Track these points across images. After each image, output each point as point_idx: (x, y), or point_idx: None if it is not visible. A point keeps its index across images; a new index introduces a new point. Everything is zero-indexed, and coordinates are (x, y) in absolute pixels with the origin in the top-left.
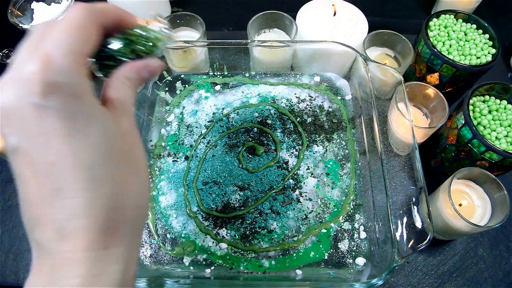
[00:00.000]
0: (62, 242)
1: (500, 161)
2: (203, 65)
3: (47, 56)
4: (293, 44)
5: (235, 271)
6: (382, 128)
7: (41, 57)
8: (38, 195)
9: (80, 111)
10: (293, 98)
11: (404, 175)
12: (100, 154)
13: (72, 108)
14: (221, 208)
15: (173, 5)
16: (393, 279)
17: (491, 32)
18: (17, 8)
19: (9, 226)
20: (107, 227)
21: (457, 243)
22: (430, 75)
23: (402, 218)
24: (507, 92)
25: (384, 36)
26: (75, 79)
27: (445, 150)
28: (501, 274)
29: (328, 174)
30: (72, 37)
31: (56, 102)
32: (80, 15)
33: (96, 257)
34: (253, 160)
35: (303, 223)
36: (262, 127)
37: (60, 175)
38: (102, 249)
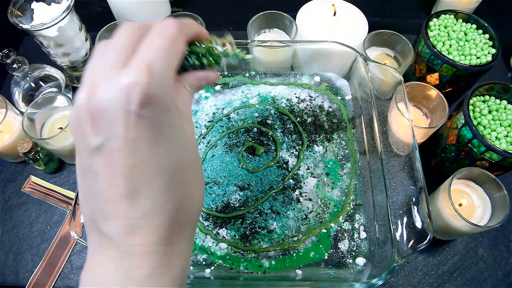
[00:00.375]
0: (132, 236)
1: (500, 161)
2: None
3: (150, 68)
4: (293, 44)
5: (235, 271)
6: (382, 128)
7: (144, 68)
8: (112, 193)
9: (167, 122)
10: (293, 98)
11: (404, 175)
12: (177, 161)
13: (162, 119)
14: (221, 208)
15: (173, 5)
16: (393, 279)
17: (491, 32)
18: (17, 8)
19: (9, 226)
20: (174, 225)
21: (457, 243)
22: (430, 75)
23: (402, 218)
24: (507, 92)
25: (384, 36)
26: (169, 92)
27: (445, 150)
28: (501, 274)
29: (328, 174)
30: (170, 52)
31: (151, 113)
32: (176, 31)
33: (164, 252)
34: (253, 160)
35: (303, 223)
36: (262, 127)
37: (140, 178)
38: (169, 245)
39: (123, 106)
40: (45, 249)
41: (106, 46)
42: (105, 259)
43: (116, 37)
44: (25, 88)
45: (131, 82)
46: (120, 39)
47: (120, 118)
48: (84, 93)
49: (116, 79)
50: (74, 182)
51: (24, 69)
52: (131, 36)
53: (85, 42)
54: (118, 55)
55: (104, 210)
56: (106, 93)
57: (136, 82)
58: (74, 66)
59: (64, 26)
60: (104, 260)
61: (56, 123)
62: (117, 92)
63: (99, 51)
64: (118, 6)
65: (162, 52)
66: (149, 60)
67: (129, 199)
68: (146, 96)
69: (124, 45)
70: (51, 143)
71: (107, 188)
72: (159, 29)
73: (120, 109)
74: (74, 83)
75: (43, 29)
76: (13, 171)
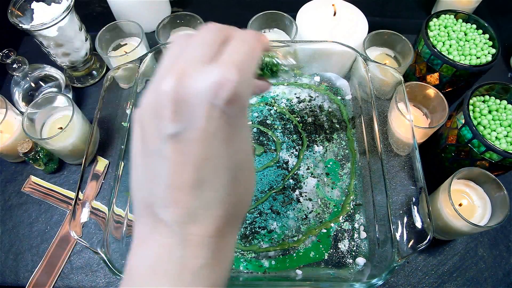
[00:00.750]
0: (190, 225)
1: (500, 161)
2: None
3: (240, 69)
4: (293, 44)
5: (235, 271)
6: (382, 128)
7: (235, 67)
8: (179, 180)
9: (242, 121)
10: (293, 98)
11: (404, 175)
12: (242, 159)
13: (239, 118)
14: None
15: (173, 5)
16: (393, 279)
17: (491, 32)
18: (17, 8)
19: (9, 226)
20: (230, 219)
21: (457, 243)
22: (430, 75)
23: (402, 218)
24: (507, 92)
25: (384, 36)
26: (249, 93)
27: (445, 150)
28: (501, 274)
29: (328, 174)
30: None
31: (233, 111)
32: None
33: (219, 243)
34: (253, 160)
35: (303, 223)
36: (262, 127)
37: (209, 170)
38: (223, 237)
39: (210, 99)
40: (45, 249)
41: (190, 39)
42: (157, 245)
43: (202, 33)
44: (25, 88)
45: (222, 78)
46: (206, 36)
47: (204, 110)
48: (172, 79)
49: (207, 73)
50: (74, 182)
51: (24, 69)
52: (216, 36)
53: (85, 42)
54: (206, 50)
55: (165, 196)
56: (196, 84)
57: (227, 79)
58: (74, 66)
59: (64, 26)
60: (157, 246)
61: (56, 123)
62: (207, 85)
63: (181, 42)
64: (118, 6)
65: (247, 56)
66: (238, 61)
67: (195, 188)
68: (234, 94)
69: (211, 42)
70: (51, 143)
71: (175, 174)
72: (243, 36)
73: (207, 101)
74: (74, 83)
75: (43, 29)
76: (13, 171)
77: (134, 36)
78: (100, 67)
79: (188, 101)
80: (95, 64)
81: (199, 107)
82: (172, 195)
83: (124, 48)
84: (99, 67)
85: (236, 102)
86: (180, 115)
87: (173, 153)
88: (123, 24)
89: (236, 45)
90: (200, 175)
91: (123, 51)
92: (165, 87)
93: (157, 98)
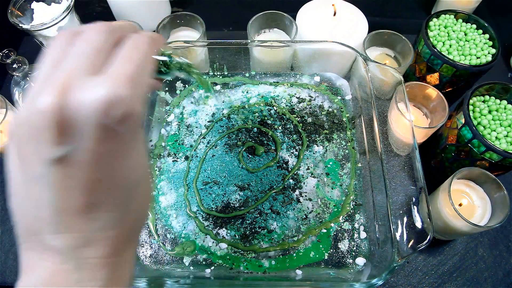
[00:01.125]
0: (86, 248)
1: (500, 161)
2: (203, 65)
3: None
4: (293, 44)
5: (235, 271)
6: (382, 128)
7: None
8: (68, 206)
9: (135, 135)
10: (293, 98)
11: (404, 175)
12: (139, 174)
13: (133, 132)
14: (221, 208)
15: (173, 5)
16: (393, 279)
17: (491, 32)
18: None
19: (9, 226)
20: (128, 236)
21: (457, 243)
22: (430, 75)
23: (402, 218)
24: (507, 92)
25: (384, 36)
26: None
27: (445, 150)
28: (501, 274)
29: (328, 174)
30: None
31: (126, 128)
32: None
33: (117, 262)
34: (253, 160)
35: (303, 223)
36: (262, 127)
37: (101, 192)
38: (121, 255)
39: (100, 119)
40: None
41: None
42: (49, 271)
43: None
44: (25, 88)
45: (113, 95)
46: (94, 38)
47: (93, 131)
48: (53, 95)
49: (95, 87)
50: None
51: (24, 69)
52: (105, 39)
53: None
54: (93, 57)
55: (54, 222)
56: (82, 102)
57: (119, 96)
58: None
59: (64, 26)
60: (49, 272)
61: None
62: (96, 103)
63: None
64: (118, 6)
65: (140, 65)
66: (130, 72)
67: (87, 212)
68: (126, 112)
69: (99, 47)
70: None
71: (63, 200)
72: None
73: (96, 122)
74: None
75: (43, 29)
76: None
77: None
78: None
79: (73, 121)
80: None
81: (86, 127)
82: (62, 220)
83: None
84: None
85: (129, 120)
86: (64, 137)
87: (59, 178)
88: None
89: (128, 52)
90: (92, 198)
91: None
92: (44, 104)
93: (35, 117)
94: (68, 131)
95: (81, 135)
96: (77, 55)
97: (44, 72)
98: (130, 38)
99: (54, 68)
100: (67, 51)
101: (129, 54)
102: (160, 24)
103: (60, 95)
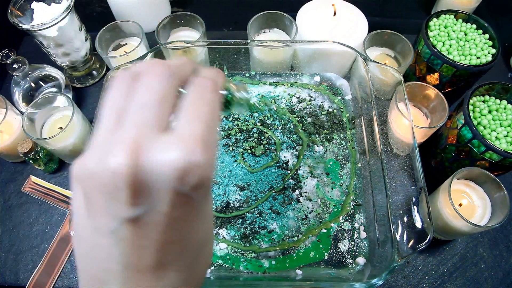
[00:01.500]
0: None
1: (500, 161)
2: (203, 65)
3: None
4: (293, 44)
5: (235, 271)
6: (382, 128)
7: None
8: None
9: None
10: (293, 98)
11: (404, 175)
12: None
13: (204, 198)
14: (221, 208)
15: (173, 5)
16: (393, 279)
17: (491, 32)
18: (17, 8)
19: (9, 226)
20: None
21: (457, 243)
22: (430, 75)
23: (402, 218)
24: (507, 92)
25: (384, 36)
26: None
27: (445, 150)
28: (501, 274)
29: (328, 174)
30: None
31: (199, 194)
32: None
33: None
34: (253, 160)
35: (303, 223)
36: (262, 127)
37: (172, 253)
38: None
39: (175, 185)
40: (45, 249)
41: (134, 87)
42: None
43: (147, 80)
44: (25, 88)
45: (189, 162)
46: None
47: (168, 196)
48: (126, 156)
49: (168, 151)
50: None
51: (24, 69)
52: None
53: (85, 42)
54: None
55: (122, 277)
56: (156, 167)
57: (194, 164)
58: (74, 66)
59: (64, 26)
60: None
61: (56, 123)
62: (171, 169)
63: (122, 89)
64: (118, 6)
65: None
66: (202, 133)
67: (156, 271)
68: (202, 179)
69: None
70: (51, 143)
71: (134, 256)
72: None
73: (171, 187)
74: (74, 83)
75: (43, 29)
76: (13, 171)
77: (134, 36)
78: (100, 67)
79: (147, 184)
80: (95, 64)
81: (162, 192)
82: (131, 276)
83: (124, 48)
84: (99, 67)
85: (203, 186)
86: (138, 199)
87: (132, 236)
88: (123, 24)
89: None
90: (162, 258)
91: (123, 51)
92: (118, 165)
93: (108, 177)
94: (142, 194)
95: (155, 198)
96: (141, 107)
97: (109, 122)
98: (194, 85)
99: (119, 120)
100: (129, 99)
101: (197, 109)
102: (160, 24)
103: (133, 155)
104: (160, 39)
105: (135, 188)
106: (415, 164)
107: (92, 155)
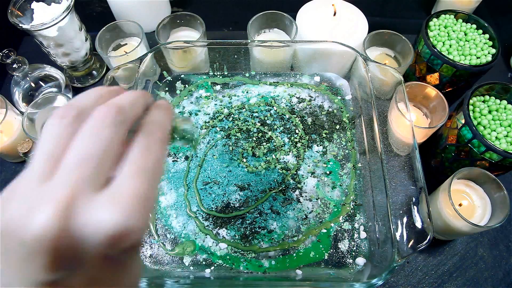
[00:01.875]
0: None
1: (500, 161)
2: (203, 65)
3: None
4: (293, 44)
5: (235, 271)
6: (382, 128)
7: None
8: None
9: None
10: (293, 98)
11: (404, 175)
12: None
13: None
14: (221, 208)
15: (173, 5)
16: (393, 279)
17: (491, 32)
18: (17, 8)
19: None
20: None
21: (457, 243)
22: (430, 75)
23: (402, 218)
24: (507, 92)
25: (384, 36)
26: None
27: (445, 150)
28: (501, 274)
29: (328, 174)
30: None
31: (127, 256)
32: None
33: None
34: (253, 160)
35: (303, 223)
36: (262, 127)
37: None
38: None
39: (104, 251)
40: None
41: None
42: None
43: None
44: (25, 88)
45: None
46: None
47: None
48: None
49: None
50: None
51: (24, 69)
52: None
53: (85, 42)
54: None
55: None
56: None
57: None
58: (74, 66)
59: (64, 26)
60: None
61: None
62: (102, 235)
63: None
64: (118, 6)
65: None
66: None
67: None
68: (134, 243)
69: (104, 150)
70: None
71: None
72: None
73: (100, 253)
74: (74, 83)
75: (43, 29)
76: (13, 171)
77: (134, 36)
78: (100, 67)
79: (72, 249)
80: (95, 64)
81: (88, 256)
82: None
83: (124, 48)
84: (99, 67)
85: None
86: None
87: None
88: (123, 24)
89: (142, 161)
90: None
91: (123, 51)
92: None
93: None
94: (65, 259)
95: (80, 262)
96: (80, 159)
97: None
98: (142, 133)
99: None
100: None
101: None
102: (160, 24)
103: (62, 216)
104: (160, 39)
105: (57, 254)
106: (415, 164)
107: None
